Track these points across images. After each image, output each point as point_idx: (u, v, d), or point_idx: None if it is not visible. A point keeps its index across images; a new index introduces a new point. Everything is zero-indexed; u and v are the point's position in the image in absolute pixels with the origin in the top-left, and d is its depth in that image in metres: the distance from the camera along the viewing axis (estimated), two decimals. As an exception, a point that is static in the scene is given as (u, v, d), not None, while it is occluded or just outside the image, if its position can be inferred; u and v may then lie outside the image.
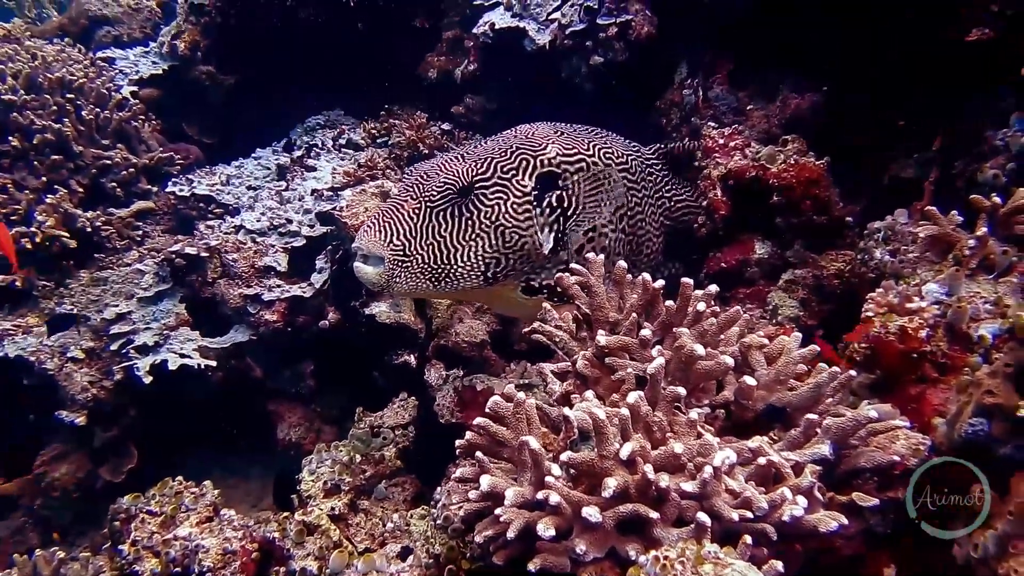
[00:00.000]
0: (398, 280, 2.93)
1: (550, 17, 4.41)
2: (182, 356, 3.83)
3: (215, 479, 4.20)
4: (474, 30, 4.57)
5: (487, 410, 2.14)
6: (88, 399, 3.85)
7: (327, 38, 4.92)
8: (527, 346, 3.88)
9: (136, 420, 4.09)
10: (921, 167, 3.57)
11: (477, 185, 3.00)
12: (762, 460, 1.99)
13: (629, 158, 3.41)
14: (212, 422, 4.30)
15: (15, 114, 4.33)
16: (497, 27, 4.48)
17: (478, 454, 2.01)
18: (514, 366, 3.93)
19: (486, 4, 4.59)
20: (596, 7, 4.24)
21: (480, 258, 3.00)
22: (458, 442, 2.13)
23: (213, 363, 3.90)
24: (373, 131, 4.77)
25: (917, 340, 2.34)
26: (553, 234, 3.11)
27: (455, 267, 2.98)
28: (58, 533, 3.98)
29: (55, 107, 4.49)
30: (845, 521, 1.89)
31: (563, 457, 1.89)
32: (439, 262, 2.96)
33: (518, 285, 3.16)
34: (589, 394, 2.20)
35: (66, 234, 4.22)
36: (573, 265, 2.53)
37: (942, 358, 2.33)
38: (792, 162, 3.20)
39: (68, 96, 4.57)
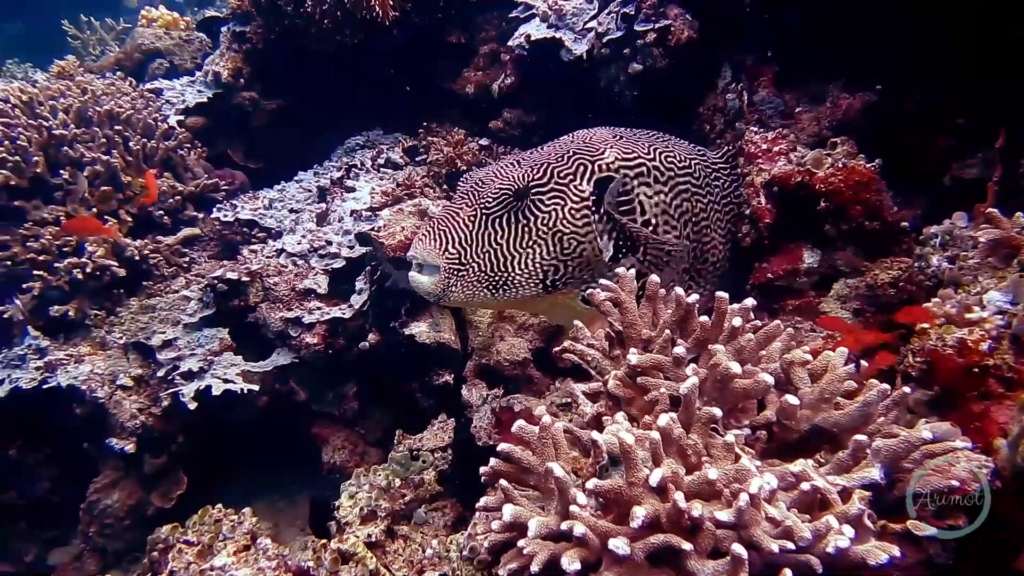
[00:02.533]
0: (454, 289, 2.87)
1: (587, 26, 4.32)
2: (226, 381, 3.85)
3: (264, 503, 4.23)
4: (510, 43, 4.52)
5: (512, 434, 2.06)
6: (137, 426, 3.90)
7: (365, 58, 4.93)
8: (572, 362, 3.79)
9: (185, 446, 4.12)
10: (985, 166, 3.37)
11: (534, 191, 2.93)
12: (806, 486, 1.85)
13: (692, 162, 3.30)
14: (260, 445, 4.31)
15: (66, 148, 4.45)
16: (533, 39, 4.42)
17: (502, 482, 1.93)
18: (559, 383, 3.82)
19: (521, 16, 4.53)
20: (633, 14, 4.14)
21: (538, 265, 2.92)
22: (482, 469, 2.05)
23: (256, 387, 3.91)
24: (411, 149, 4.74)
25: (978, 353, 2.17)
26: (612, 241, 3.01)
27: (513, 275, 2.90)
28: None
29: (104, 139, 4.60)
30: (897, 552, 1.73)
31: (589, 485, 1.78)
32: (496, 270, 2.88)
33: (578, 294, 3.07)
34: (620, 416, 2.09)
35: (115, 263, 4.30)
36: (603, 281, 2.43)
37: (1008, 372, 2.15)
38: (840, 166, 3.04)
39: (116, 128, 4.69)
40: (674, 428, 1.94)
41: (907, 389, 2.15)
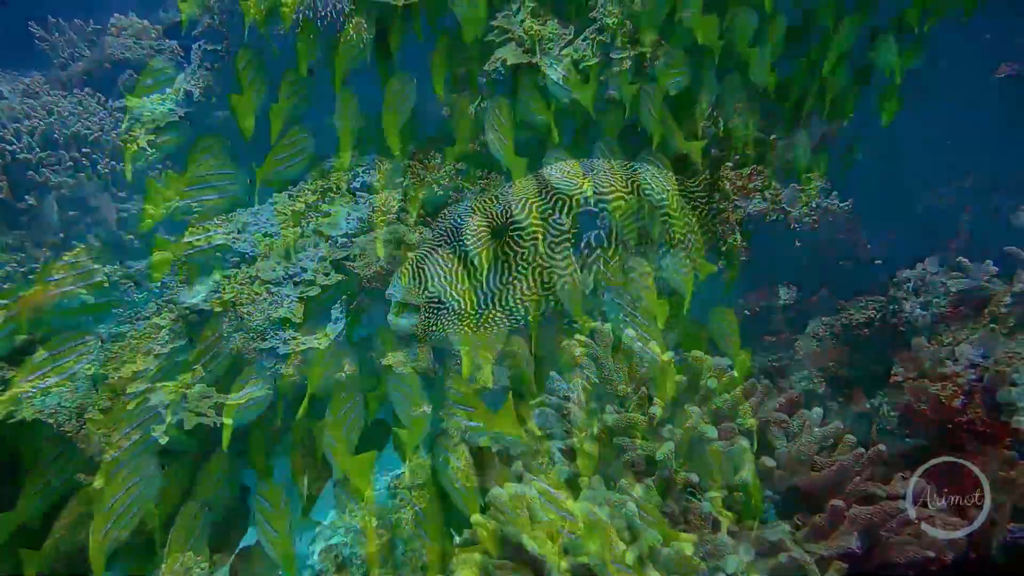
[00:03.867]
0: (434, 328, 2.87)
1: (563, 52, 4.28)
2: (198, 415, 3.77)
3: (239, 537, 4.12)
4: (486, 66, 4.47)
5: (487, 501, 2.04)
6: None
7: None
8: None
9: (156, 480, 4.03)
10: (958, 194, 3.40)
11: (513, 227, 2.92)
12: (783, 557, 1.85)
13: (669, 192, 3.29)
14: (235, 477, 4.24)
15: (31, 172, 4.34)
16: (509, 63, 4.37)
17: (476, 556, 1.90)
18: (538, 412, 3.80)
19: (497, 41, 4.48)
20: (609, 41, 4.11)
21: (519, 301, 2.93)
22: (457, 540, 2.02)
23: (229, 421, 3.83)
24: (387, 172, 4.68)
25: (951, 410, 2.18)
26: (592, 275, 3.01)
27: (493, 312, 2.89)
28: None
29: (71, 162, 4.50)
30: (874, 629, 1.74)
31: (564, 564, 1.77)
32: (476, 307, 2.87)
33: (560, 327, 3.06)
34: (596, 480, 2.08)
35: (84, 291, 4.21)
36: (578, 336, 2.42)
37: (981, 427, 2.17)
38: (814, 206, 3.04)
39: (84, 151, 4.59)
40: (651, 496, 1.93)
41: (882, 447, 2.16)
